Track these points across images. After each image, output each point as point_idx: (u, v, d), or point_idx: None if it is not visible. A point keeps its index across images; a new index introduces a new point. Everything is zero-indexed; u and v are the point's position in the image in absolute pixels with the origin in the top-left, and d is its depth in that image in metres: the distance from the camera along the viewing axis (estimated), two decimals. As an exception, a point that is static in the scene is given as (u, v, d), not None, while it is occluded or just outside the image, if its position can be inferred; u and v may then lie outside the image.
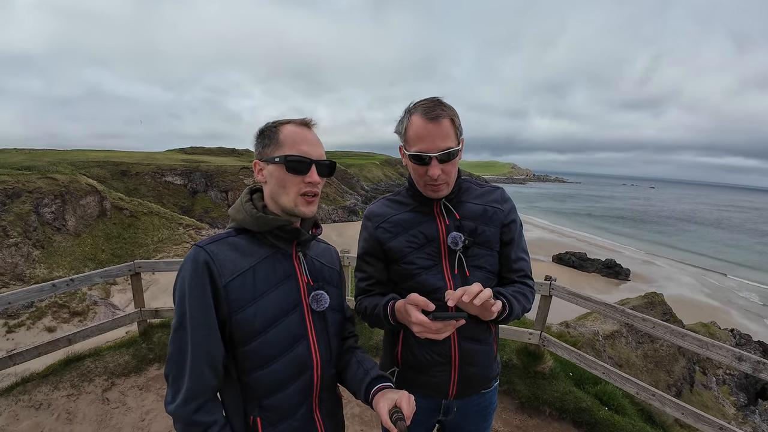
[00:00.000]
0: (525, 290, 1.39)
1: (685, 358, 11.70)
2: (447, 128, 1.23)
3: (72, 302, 17.94)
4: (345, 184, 59.73)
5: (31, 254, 19.24)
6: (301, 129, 1.12)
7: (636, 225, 65.80)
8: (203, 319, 0.99)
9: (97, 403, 3.29)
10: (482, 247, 1.37)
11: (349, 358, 1.27)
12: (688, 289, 28.53)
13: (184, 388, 0.98)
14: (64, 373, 3.49)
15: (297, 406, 1.13)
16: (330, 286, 1.25)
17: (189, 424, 0.99)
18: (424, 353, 1.40)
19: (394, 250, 1.39)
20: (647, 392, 3.14)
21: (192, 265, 1.01)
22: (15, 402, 3.15)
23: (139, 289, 3.99)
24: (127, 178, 37.64)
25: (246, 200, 1.15)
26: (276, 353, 1.08)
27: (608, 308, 3.34)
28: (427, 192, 1.33)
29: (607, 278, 29.61)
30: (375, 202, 1.52)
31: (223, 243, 1.08)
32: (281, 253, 1.14)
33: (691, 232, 61.56)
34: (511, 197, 1.51)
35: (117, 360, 3.71)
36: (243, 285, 1.04)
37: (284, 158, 1.07)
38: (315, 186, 1.11)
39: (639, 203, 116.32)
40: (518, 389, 3.64)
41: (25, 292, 3.16)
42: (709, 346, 2.73)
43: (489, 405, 1.55)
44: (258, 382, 1.07)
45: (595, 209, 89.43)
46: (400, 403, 1.02)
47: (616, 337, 11.22)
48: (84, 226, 23.06)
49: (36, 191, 21.15)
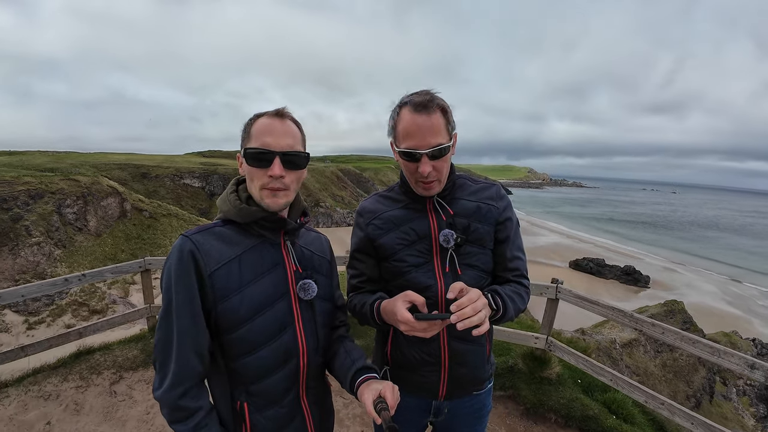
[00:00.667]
0: (520, 290, 1.36)
1: (705, 368, 11.31)
2: (438, 124, 1.20)
3: (92, 301, 18.45)
4: (360, 187, 59.96)
5: (53, 253, 19.86)
6: (271, 120, 1.10)
7: (657, 231, 64.05)
8: (188, 308, 1.01)
9: (105, 395, 3.36)
10: (475, 245, 1.33)
11: (337, 348, 1.28)
12: (709, 297, 27.58)
13: (170, 374, 1.00)
14: (74, 365, 3.59)
15: (284, 393, 1.14)
16: (319, 275, 1.25)
17: (174, 409, 1.00)
18: (413, 352, 1.37)
19: (384, 247, 1.37)
20: (656, 401, 3.04)
21: (178, 254, 1.02)
22: (25, 392, 3.24)
23: (149, 285, 4.07)
24: (147, 180, 38.60)
25: (231, 191, 1.16)
26: (262, 341, 1.08)
27: (616, 312, 3.24)
28: (418, 189, 1.31)
29: (626, 285, 28.87)
30: (368, 198, 1.51)
31: (209, 233, 1.09)
32: (269, 242, 1.15)
33: (713, 239, 59.56)
34: (506, 194, 1.47)
35: (126, 354, 3.79)
36: (229, 274, 1.05)
37: (245, 151, 1.08)
38: (277, 179, 1.08)
39: (660, 208, 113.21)
40: (523, 395, 3.56)
41: (38, 286, 3.26)
42: (721, 354, 2.62)
43: (482, 407, 1.51)
44: (245, 369, 1.08)
45: (615, 214, 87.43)
46: (384, 394, 1.02)
47: (634, 345, 10.91)
48: (105, 227, 23.71)
49: (59, 192, 21.84)
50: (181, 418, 1.01)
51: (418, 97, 1.21)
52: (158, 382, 1.02)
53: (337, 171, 58.41)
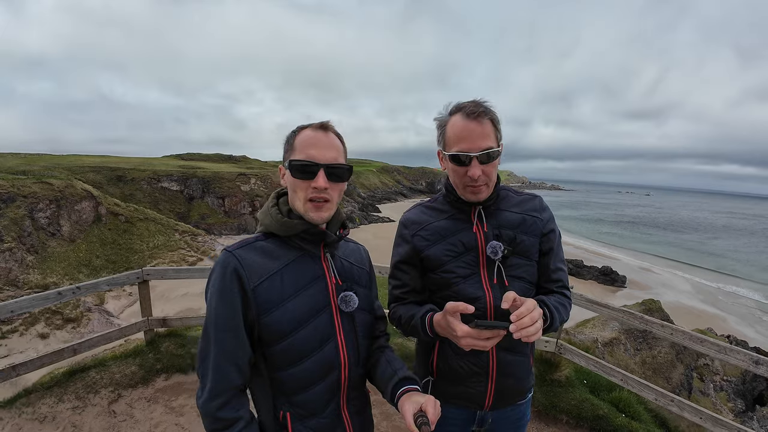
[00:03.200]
0: (564, 301, 1.36)
1: (683, 365, 11.70)
2: (488, 128, 1.22)
3: (65, 309, 17.68)
4: (342, 190, 59.75)
5: (25, 259, 18.99)
6: (315, 132, 1.12)
7: (633, 232, 66.21)
8: (229, 322, 1.03)
9: (104, 415, 3.18)
10: (521, 256, 1.34)
11: (378, 357, 1.28)
12: (684, 295, 28.67)
13: (209, 386, 1.03)
14: (68, 384, 3.38)
15: (325, 404, 1.15)
16: (359, 287, 1.25)
17: (214, 420, 1.02)
18: (460, 363, 1.37)
19: (431, 259, 1.36)
20: (666, 398, 3.12)
21: (221, 270, 1.05)
22: (18, 414, 3.03)
23: (147, 297, 3.89)
24: (123, 183, 37.37)
25: (272, 204, 1.18)
26: (305, 353, 1.10)
27: (627, 315, 3.31)
28: (466, 195, 1.31)
29: (603, 285, 29.69)
30: (411, 209, 1.49)
31: (251, 247, 1.11)
32: (309, 255, 1.16)
33: (686, 239, 62.05)
34: (548, 206, 1.47)
35: (123, 371, 3.60)
36: (271, 288, 1.07)
37: (290, 163, 1.10)
38: (322, 191, 1.09)
39: (636, 210, 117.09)
40: (535, 397, 3.58)
41: (29, 300, 3.06)
42: (728, 351, 2.75)
43: (522, 416, 1.52)
44: (288, 379, 1.10)
45: (591, 215, 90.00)
46: (426, 408, 1.01)
47: (615, 344, 11.20)
48: (79, 232, 22.83)
49: (31, 196, 20.93)
50: (220, 428, 1.02)
51: (470, 104, 1.24)
52: (200, 392, 1.05)
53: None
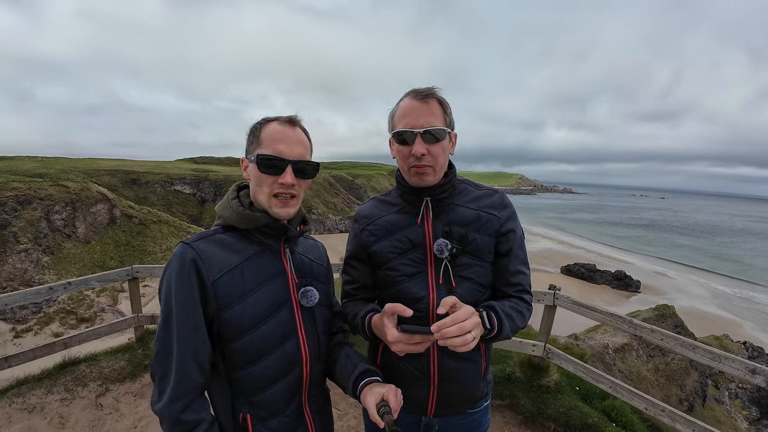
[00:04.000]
0: (521, 307, 1.27)
1: (698, 372, 11.38)
2: (435, 108, 1.19)
3: (80, 309, 18.10)
4: (353, 194, 59.89)
5: (41, 260, 19.49)
6: (283, 127, 1.09)
7: (648, 236, 64.78)
8: (190, 317, 0.99)
9: (90, 408, 3.24)
10: (472, 256, 1.25)
11: (338, 353, 1.27)
12: (700, 301, 27.93)
13: (170, 387, 0.97)
14: (59, 376, 3.46)
15: (287, 403, 1.13)
16: (318, 282, 1.24)
17: (176, 423, 0.97)
18: (402, 367, 1.31)
19: (377, 255, 1.31)
20: (656, 407, 3.00)
21: (179, 262, 1.00)
22: (9, 404, 3.12)
23: (137, 294, 3.96)
24: (137, 186, 38.17)
25: (233, 197, 1.15)
26: (266, 349, 1.07)
27: (615, 319, 3.22)
28: (411, 178, 1.24)
29: (617, 290, 29.15)
30: (366, 202, 1.45)
31: (210, 240, 1.07)
32: (269, 250, 1.14)
33: (703, 243, 60.43)
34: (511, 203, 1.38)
35: (112, 365, 3.67)
36: (231, 282, 1.04)
37: (257, 157, 1.06)
38: (289, 187, 1.08)
39: (652, 214, 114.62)
40: (522, 403, 3.51)
41: (22, 294, 3.14)
42: (722, 359, 2.61)
43: (477, 426, 1.42)
44: (248, 379, 1.07)
45: (605, 219, 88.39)
46: (387, 397, 1.02)
47: (627, 350, 10.95)
48: (94, 234, 23.34)
49: (47, 198, 21.49)
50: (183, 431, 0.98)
51: (419, 89, 1.21)
52: (157, 395, 0.99)
53: (330, 178, 58.33)
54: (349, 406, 3.49)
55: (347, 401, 3.51)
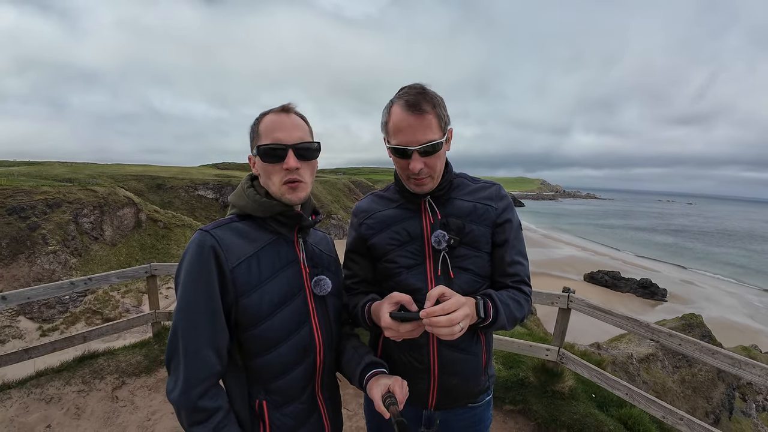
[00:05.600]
0: (519, 297, 1.27)
1: (725, 384, 10.87)
2: (430, 120, 1.15)
3: (105, 309, 18.72)
4: (370, 198, 60.11)
5: (69, 262, 20.27)
6: (278, 116, 1.11)
7: (675, 243, 62.51)
8: (208, 304, 0.99)
9: (106, 400, 3.34)
10: (469, 247, 1.27)
11: (345, 344, 1.29)
12: (729, 310, 26.75)
13: (186, 373, 0.96)
14: (77, 369, 3.58)
15: (302, 389, 1.15)
16: (329, 272, 1.26)
17: (193, 410, 0.96)
18: (402, 358, 1.32)
19: (376, 247, 1.33)
20: (674, 416, 2.88)
21: (197, 249, 1.00)
22: (27, 394, 3.24)
23: (155, 290, 4.07)
24: (162, 191, 39.37)
25: (248, 186, 1.16)
26: (282, 337, 1.09)
27: (632, 323, 3.10)
28: (410, 186, 1.26)
29: (642, 299, 28.22)
30: (363, 198, 1.48)
31: (227, 228, 1.08)
32: (283, 239, 1.16)
33: (734, 250, 57.89)
34: (508, 195, 1.40)
35: (129, 360, 3.77)
36: (249, 270, 1.05)
37: (259, 149, 1.09)
38: (294, 172, 1.09)
39: (680, 221, 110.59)
40: (534, 409, 3.41)
41: (44, 288, 3.27)
42: (742, 365, 2.48)
43: (479, 421, 1.42)
44: (265, 366, 1.08)
45: (630, 226, 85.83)
46: (393, 388, 1.04)
47: (652, 360, 10.55)
48: (120, 237, 24.15)
49: (76, 202, 22.39)
50: (201, 419, 0.97)
51: (409, 92, 1.17)
52: (173, 383, 0.97)
53: (349, 183, 58.76)
54: (359, 406, 3.48)
55: (357, 401, 3.50)
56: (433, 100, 1.18)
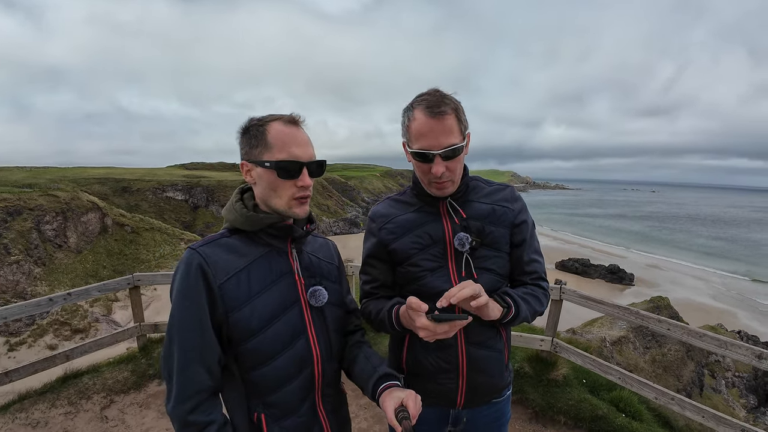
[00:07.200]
0: (537, 292, 1.33)
1: (694, 362, 11.50)
2: (451, 124, 1.18)
3: (73, 319, 17.81)
4: (346, 196, 59.78)
5: (33, 272, 19.16)
6: (290, 128, 1.08)
7: (641, 231, 65.47)
8: (196, 322, 1.00)
9: (96, 421, 3.17)
10: (490, 248, 1.31)
11: (356, 353, 1.26)
12: (694, 292, 28.30)
13: (177, 389, 0.99)
14: (61, 390, 3.38)
15: (300, 402, 1.14)
16: (328, 282, 1.24)
17: (184, 424, 0.98)
18: (429, 359, 1.34)
19: (398, 252, 1.34)
20: (666, 396, 3.03)
21: (185, 268, 1.02)
22: (12, 420, 3.05)
23: (138, 302, 3.90)
24: (128, 194, 37.74)
25: (236, 200, 1.15)
26: (277, 350, 1.08)
27: (622, 311, 3.24)
28: (431, 190, 1.29)
29: (611, 284, 29.44)
30: (380, 203, 1.47)
31: (216, 244, 1.08)
32: (276, 251, 1.14)
33: (693, 234, 61.26)
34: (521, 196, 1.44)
35: (116, 376, 3.60)
36: (238, 285, 1.05)
37: (275, 164, 1.05)
38: (306, 189, 1.09)
39: (647, 208, 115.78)
40: (531, 398, 3.51)
41: (20, 307, 3.07)
42: (728, 346, 2.65)
43: (502, 416, 1.47)
44: (261, 379, 1.08)
45: (599, 214, 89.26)
46: (407, 402, 1.02)
47: (623, 342, 11.04)
48: (85, 243, 23.02)
49: (37, 208, 21.15)
50: None
51: (430, 97, 1.19)
52: (167, 396, 1.01)
53: (323, 180, 58.17)
54: (360, 408, 3.47)
55: (358, 403, 3.49)
56: (453, 103, 1.20)
